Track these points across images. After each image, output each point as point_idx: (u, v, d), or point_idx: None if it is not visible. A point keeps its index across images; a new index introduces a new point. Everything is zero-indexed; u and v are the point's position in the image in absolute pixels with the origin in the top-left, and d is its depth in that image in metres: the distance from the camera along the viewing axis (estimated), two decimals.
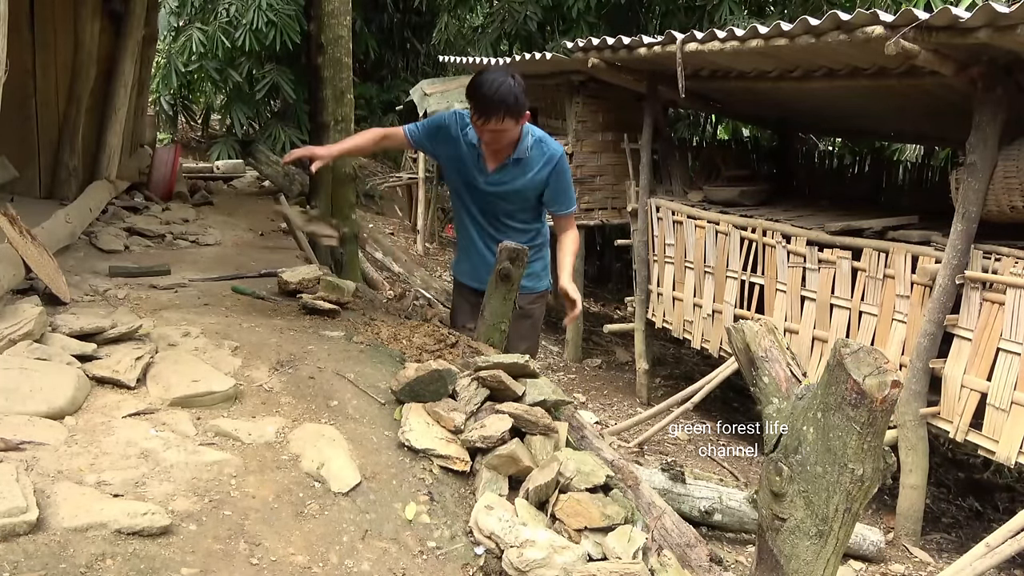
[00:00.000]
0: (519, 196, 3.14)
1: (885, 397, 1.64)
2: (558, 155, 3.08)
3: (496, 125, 2.86)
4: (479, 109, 2.86)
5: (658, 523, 2.25)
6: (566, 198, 3.17)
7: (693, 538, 2.23)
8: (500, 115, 2.83)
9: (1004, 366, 3.96)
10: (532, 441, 2.25)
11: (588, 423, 2.66)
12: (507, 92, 2.82)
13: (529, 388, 2.41)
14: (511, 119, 2.87)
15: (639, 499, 2.32)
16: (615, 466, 2.38)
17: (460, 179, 3.21)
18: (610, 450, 2.50)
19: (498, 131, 2.91)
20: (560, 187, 3.13)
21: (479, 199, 3.18)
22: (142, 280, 3.48)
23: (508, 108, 2.83)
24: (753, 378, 2.03)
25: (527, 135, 3.05)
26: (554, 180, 3.10)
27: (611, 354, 7.68)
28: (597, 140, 7.15)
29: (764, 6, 9.30)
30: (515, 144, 3.02)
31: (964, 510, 5.19)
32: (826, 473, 1.74)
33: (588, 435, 2.55)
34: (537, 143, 3.07)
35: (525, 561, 1.80)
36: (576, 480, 2.12)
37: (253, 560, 1.70)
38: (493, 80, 2.85)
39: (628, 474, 2.38)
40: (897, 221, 4.95)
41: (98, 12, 4.90)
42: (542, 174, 3.08)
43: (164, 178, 5.89)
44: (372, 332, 2.96)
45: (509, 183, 3.10)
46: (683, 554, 2.18)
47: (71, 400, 2.11)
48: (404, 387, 2.38)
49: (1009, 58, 3.87)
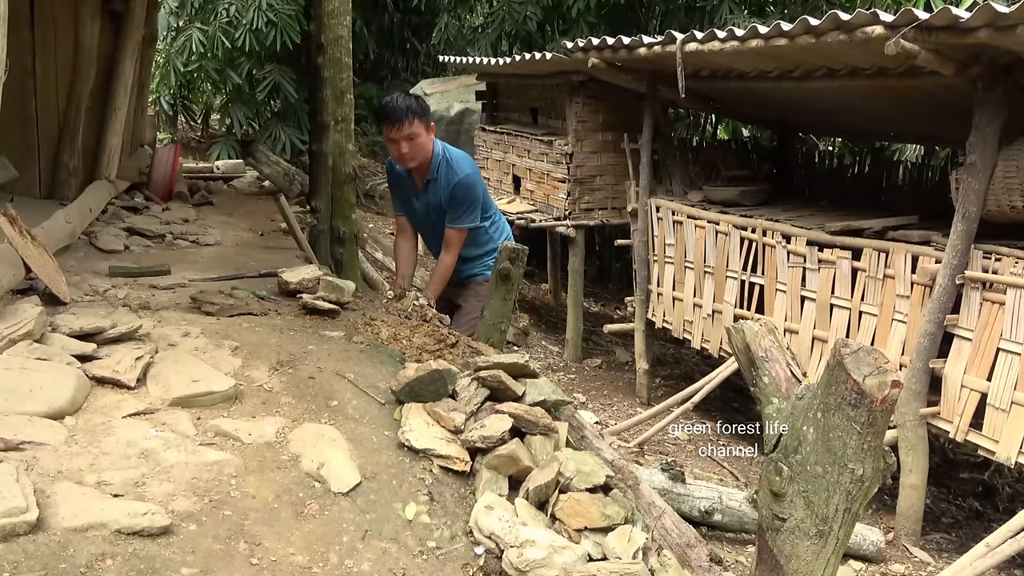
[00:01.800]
0: (442, 211, 3.53)
1: (885, 397, 1.65)
2: (455, 182, 3.44)
3: (408, 129, 3.24)
4: (389, 117, 3.23)
5: (658, 523, 2.25)
6: (455, 215, 3.52)
7: (693, 538, 2.23)
8: (409, 117, 3.22)
9: (1004, 366, 3.96)
10: (532, 441, 2.25)
11: (588, 423, 2.66)
12: (410, 99, 3.28)
13: (529, 388, 2.42)
14: (419, 121, 3.27)
15: (639, 499, 2.32)
16: (615, 466, 2.39)
17: (409, 207, 3.72)
18: (610, 450, 2.50)
19: (410, 137, 3.27)
20: (453, 205, 3.48)
21: (422, 218, 3.68)
22: (142, 280, 3.47)
23: (413, 110, 3.24)
24: (753, 378, 2.03)
25: (438, 155, 3.44)
26: (451, 200, 3.47)
27: (611, 354, 7.68)
28: (597, 140, 7.15)
29: (764, 6, 9.29)
30: (429, 165, 3.43)
31: (964, 510, 5.19)
32: (826, 473, 1.74)
33: (588, 435, 2.55)
34: (446, 165, 3.45)
35: (525, 561, 1.80)
36: (576, 480, 2.12)
37: (253, 560, 1.70)
38: (396, 95, 3.36)
39: (628, 474, 2.38)
40: (897, 221, 4.95)
41: (98, 12, 4.90)
42: (445, 194, 3.49)
43: (164, 178, 5.89)
44: (372, 332, 2.96)
45: (433, 199, 3.53)
46: (683, 554, 2.18)
47: (71, 400, 2.11)
48: (404, 387, 2.38)
49: (1009, 58, 3.87)
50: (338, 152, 5.01)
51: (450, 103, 10.18)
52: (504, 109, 8.83)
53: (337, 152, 5.01)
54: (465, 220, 3.52)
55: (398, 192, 3.76)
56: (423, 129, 3.31)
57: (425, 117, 3.33)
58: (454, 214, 3.50)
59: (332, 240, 5.06)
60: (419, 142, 3.32)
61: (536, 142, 7.60)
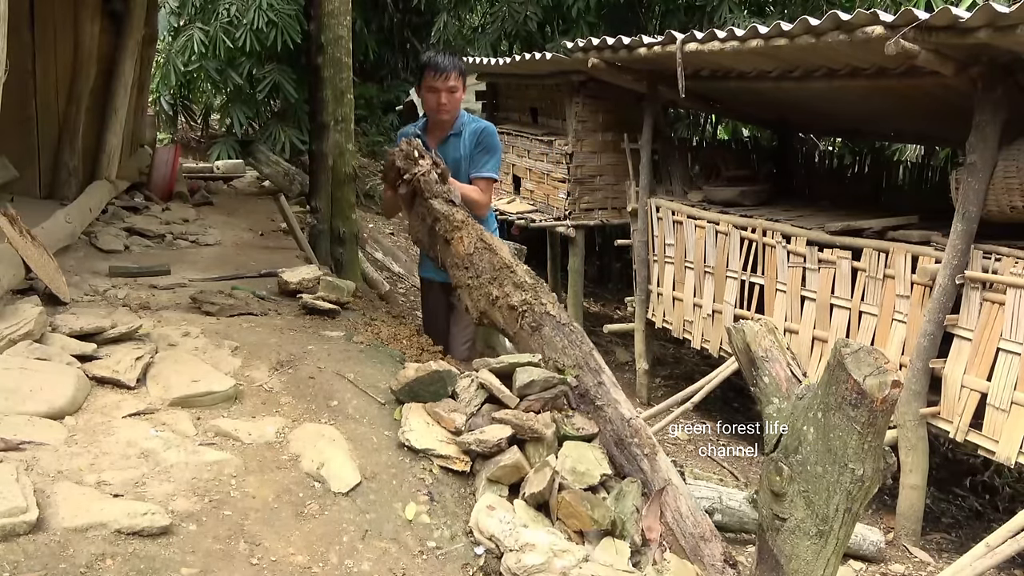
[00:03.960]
0: (459, 168, 3.39)
1: (885, 397, 1.65)
2: (483, 126, 3.43)
3: (452, 81, 3.29)
4: (436, 67, 3.29)
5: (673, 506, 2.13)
6: (481, 162, 3.40)
7: (709, 531, 2.10)
8: (455, 70, 3.29)
9: (1004, 366, 3.96)
10: (526, 446, 2.23)
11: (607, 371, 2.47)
12: (456, 57, 3.37)
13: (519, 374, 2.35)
14: (460, 77, 3.33)
15: (655, 471, 2.19)
16: (632, 426, 2.28)
17: None
18: (627, 405, 2.36)
19: (452, 90, 3.30)
20: (479, 151, 3.41)
21: None
22: (142, 280, 3.47)
23: (458, 66, 3.33)
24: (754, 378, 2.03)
25: (464, 115, 3.45)
26: (476, 147, 3.40)
27: (611, 354, 7.67)
28: (597, 140, 7.15)
29: (764, 6, 9.29)
30: (453, 122, 3.40)
31: (964, 510, 5.19)
32: (826, 473, 1.74)
33: (606, 381, 2.41)
34: (472, 120, 3.46)
35: (523, 567, 1.79)
36: (572, 480, 2.11)
37: (253, 560, 1.70)
38: (443, 51, 3.47)
39: (645, 439, 2.27)
40: (897, 221, 4.94)
41: (98, 12, 4.90)
42: (470, 143, 3.41)
43: (164, 178, 5.89)
44: (372, 332, 2.96)
45: (453, 154, 3.39)
46: (695, 546, 2.06)
47: (71, 400, 2.11)
48: (404, 387, 2.38)
49: (1009, 58, 3.87)
50: (338, 152, 5.02)
51: None
52: (504, 109, 8.83)
53: (337, 152, 5.01)
54: (491, 167, 3.39)
55: None
56: (461, 85, 3.37)
57: (465, 75, 3.40)
58: (480, 161, 3.38)
59: (332, 240, 5.06)
60: (456, 97, 3.35)
61: (536, 142, 7.60)
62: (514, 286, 2.61)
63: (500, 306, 2.63)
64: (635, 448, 2.24)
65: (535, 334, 2.52)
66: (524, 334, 2.55)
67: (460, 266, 2.79)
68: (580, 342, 2.47)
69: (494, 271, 2.68)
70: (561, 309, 2.58)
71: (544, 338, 2.50)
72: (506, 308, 2.61)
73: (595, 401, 2.36)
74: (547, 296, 2.59)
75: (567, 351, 2.44)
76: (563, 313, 2.56)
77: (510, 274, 2.64)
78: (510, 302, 2.58)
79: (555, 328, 2.50)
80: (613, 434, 2.30)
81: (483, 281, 2.69)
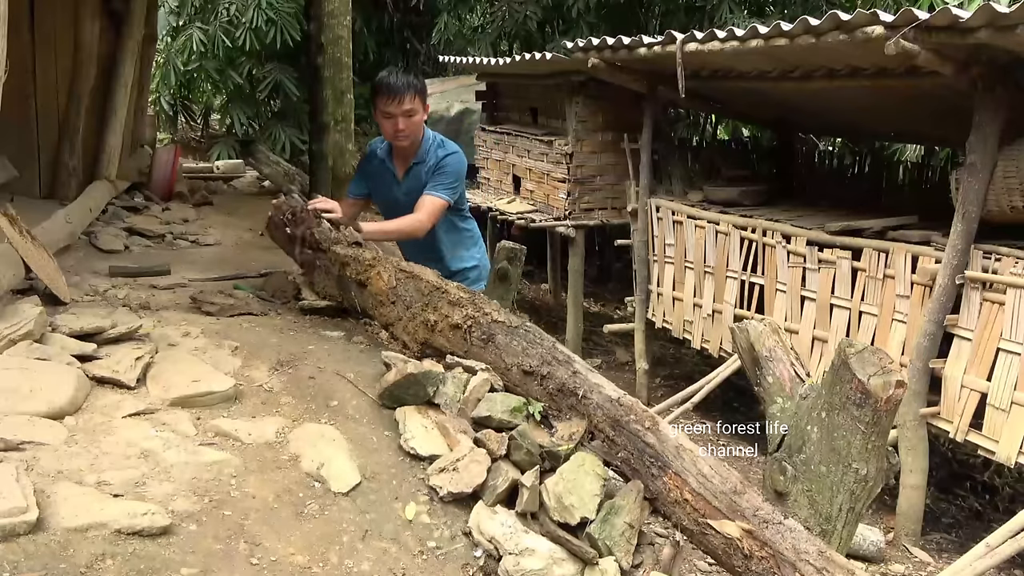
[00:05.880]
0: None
1: (890, 397, 1.65)
2: (447, 152, 3.27)
3: (407, 104, 3.09)
4: (388, 90, 3.10)
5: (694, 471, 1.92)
6: (435, 183, 3.24)
7: (739, 483, 1.89)
8: (410, 92, 3.10)
9: (1004, 366, 3.96)
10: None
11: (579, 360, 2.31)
12: (409, 74, 3.17)
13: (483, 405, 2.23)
14: (418, 98, 3.14)
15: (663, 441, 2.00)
16: (622, 404, 2.09)
17: (383, 200, 3.48)
18: (611, 387, 2.20)
19: (408, 113, 3.11)
20: (437, 172, 3.25)
21: (404, 210, 3.29)
22: (142, 280, 3.47)
23: (413, 86, 3.11)
24: (757, 378, 2.03)
25: (429, 139, 3.28)
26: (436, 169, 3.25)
27: (611, 354, 7.67)
28: (597, 140, 7.14)
29: (764, 6, 9.29)
30: (418, 147, 3.26)
31: (964, 510, 5.19)
32: (830, 472, 1.74)
33: (580, 369, 2.25)
34: (439, 145, 3.29)
35: (522, 571, 1.78)
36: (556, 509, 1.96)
37: (253, 560, 1.70)
38: (393, 69, 3.24)
39: (641, 414, 2.08)
40: (897, 221, 4.95)
41: (98, 12, 4.89)
42: (432, 168, 3.27)
43: (164, 178, 5.88)
44: (372, 332, 2.96)
45: (416, 185, 3.28)
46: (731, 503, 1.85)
47: (71, 400, 2.11)
48: (384, 391, 2.35)
49: (1009, 58, 3.87)
50: (338, 152, 5.02)
51: (450, 103, 10.16)
52: (504, 109, 8.83)
53: (337, 152, 5.02)
54: (444, 190, 3.22)
55: (371, 183, 3.49)
56: (420, 107, 3.17)
57: (423, 94, 3.18)
58: (435, 182, 3.23)
59: None
60: (415, 120, 3.16)
61: (536, 142, 7.59)
62: (450, 304, 2.47)
63: (441, 329, 2.48)
64: (634, 425, 2.05)
65: (489, 345, 2.38)
66: (477, 349, 2.41)
67: (385, 302, 2.65)
68: (539, 340, 2.34)
69: (424, 296, 2.54)
70: (508, 313, 2.44)
71: (500, 347, 2.35)
72: (448, 329, 2.47)
73: (576, 392, 2.18)
74: (489, 305, 2.46)
75: (528, 352, 2.30)
76: (511, 316, 2.43)
77: (442, 295, 2.50)
78: (451, 322, 2.45)
79: (508, 333, 2.36)
80: (606, 418, 2.11)
81: (415, 311, 2.55)
